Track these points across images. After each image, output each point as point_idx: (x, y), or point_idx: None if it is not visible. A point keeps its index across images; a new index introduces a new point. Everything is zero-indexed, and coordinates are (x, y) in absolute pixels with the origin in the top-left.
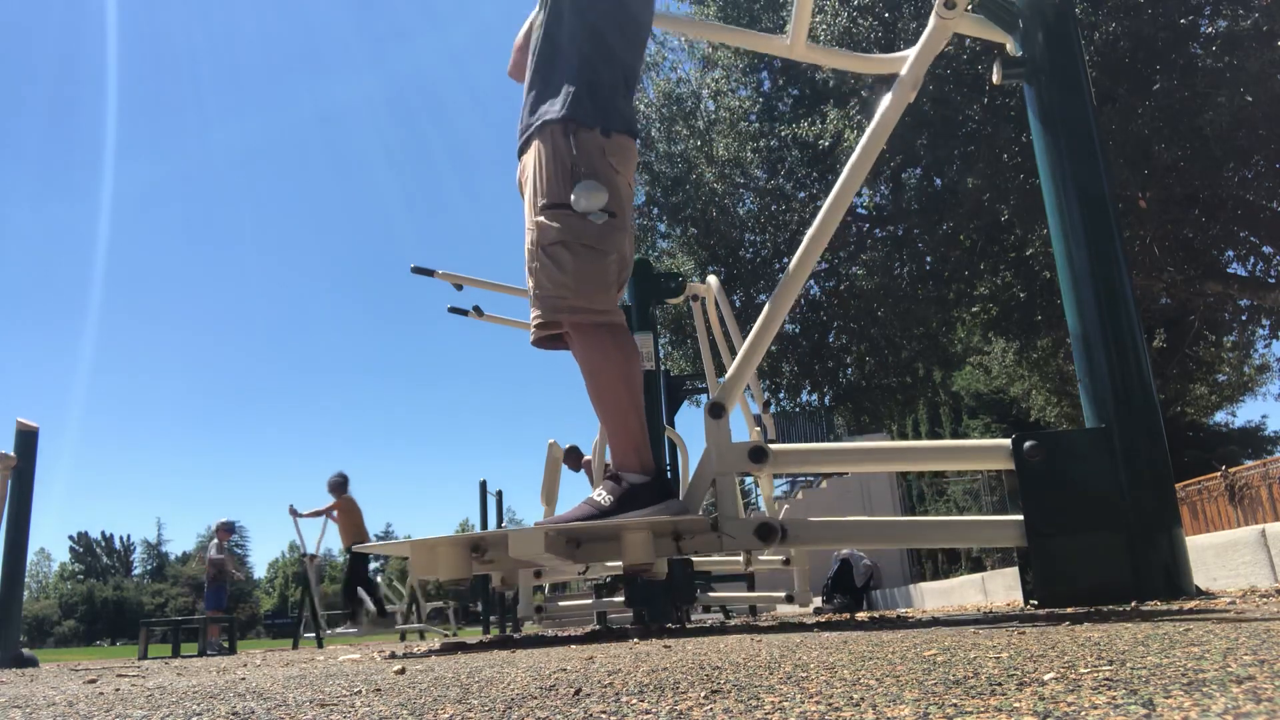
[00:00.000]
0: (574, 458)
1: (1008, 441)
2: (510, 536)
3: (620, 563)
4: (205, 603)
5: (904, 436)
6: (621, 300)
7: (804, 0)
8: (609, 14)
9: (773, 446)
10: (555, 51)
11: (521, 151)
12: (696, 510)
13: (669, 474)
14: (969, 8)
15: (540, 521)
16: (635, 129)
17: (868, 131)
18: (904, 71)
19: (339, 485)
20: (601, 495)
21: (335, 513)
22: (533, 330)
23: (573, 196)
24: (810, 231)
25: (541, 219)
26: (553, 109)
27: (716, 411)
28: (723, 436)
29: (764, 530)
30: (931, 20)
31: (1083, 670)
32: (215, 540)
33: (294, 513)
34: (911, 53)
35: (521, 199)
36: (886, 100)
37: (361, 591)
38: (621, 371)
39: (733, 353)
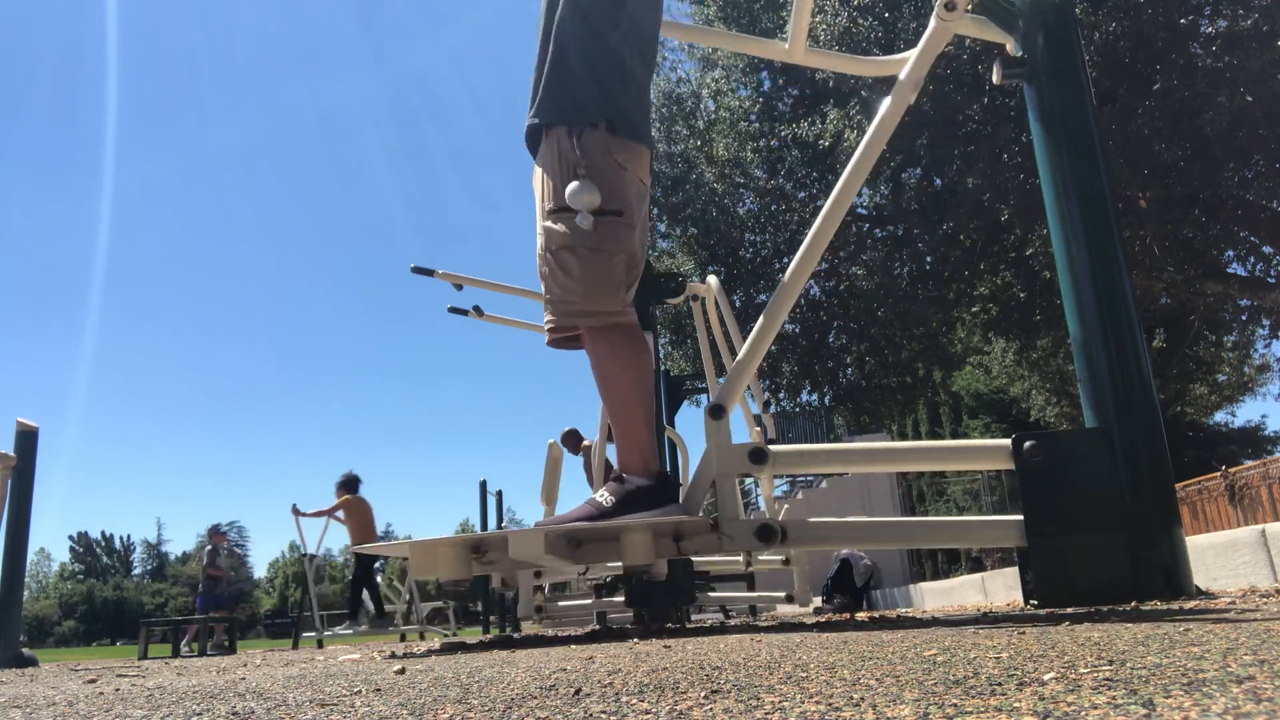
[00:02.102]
0: (573, 441)
1: (1008, 442)
2: (510, 538)
3: (620, 563)
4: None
5: (904, 436)
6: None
7: (803, 5)
8: (615, 20)
9: (772, 448)
10: (560, 53)
11: (531, 152)
12: (696, 512)
13: (670, 476)
14: (969, 8)
15: (540, 521)
16: (643, 134)
17: (868, 133)
18: (904, 73)
19: (344, 485)
20: (604, 496)
21: (340, 512)
22: (547, 333)
23: (568, 193)
24: (811, 233)
25: (548, 223)
26: (557, 111)
27: (717, 413)
28: (723, 438)
29: (764, 531)
30: (932, 22)
31: (1083, 670)
32: (210, 546)
33: (296, 512)
34: (912, 54)
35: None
36: (887, 102)
37: (365, 592)
38: (631, 374)
39: (733, 353)
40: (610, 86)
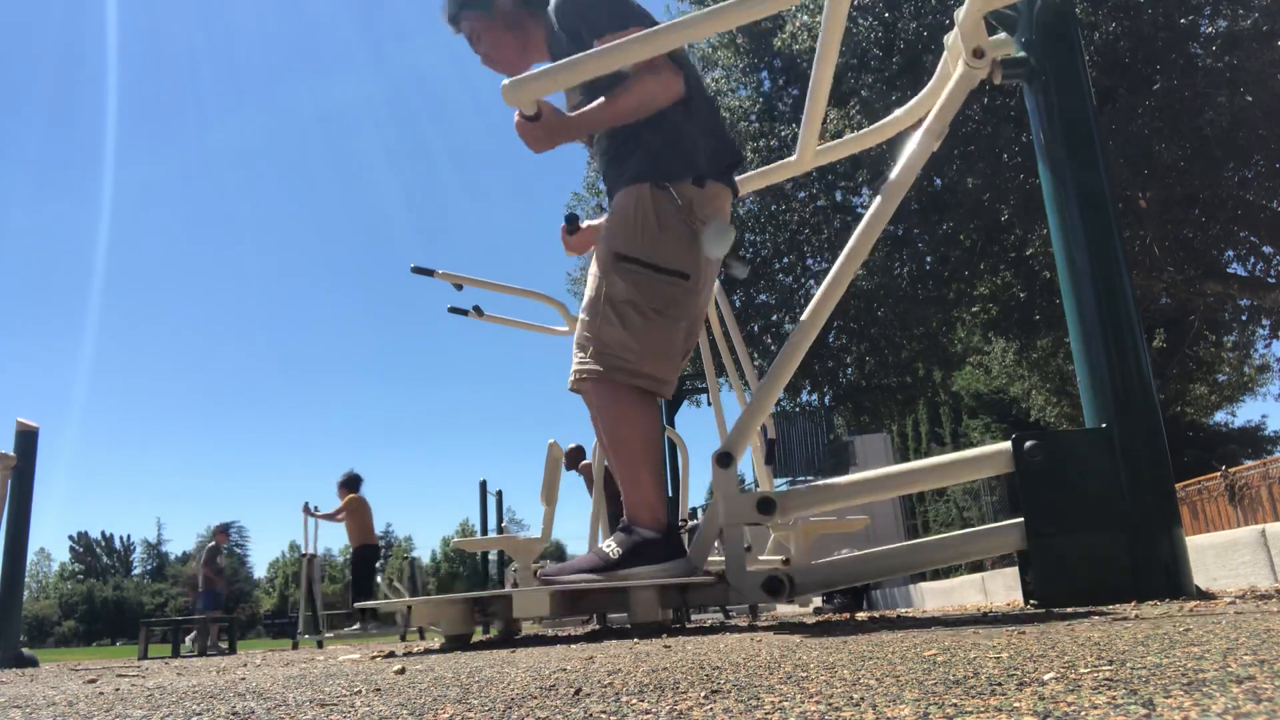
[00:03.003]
0: (574, 458)
1: (1008, 445)
2: (515, 598)
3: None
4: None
5: (904, 436)
6: None
7: (813, 119)
8: (696, 74)
9: (780, 493)
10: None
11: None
12: (703, 564)
13: (671, 475)
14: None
15: (545, 572)
16: (730, 166)
17: (889, 181)
18: (929, 121)
19: (346, 483)
20: (611, 547)
21: (345, 512)
22: (573, 378)
23: (704, 239)
24: (824, 285)
25: (614, 274)
26: (642, 162)
27: (724, 461)
28: (730, 487)
29: (772, 584)
30: (959, 68)
31: (1083, 670)
32: (212, 544)
33: (308, 511)
34: (937, 101)
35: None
36: (910, 149)
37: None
38: (646, 435)
39: (733, 353)
40: (703, 131)
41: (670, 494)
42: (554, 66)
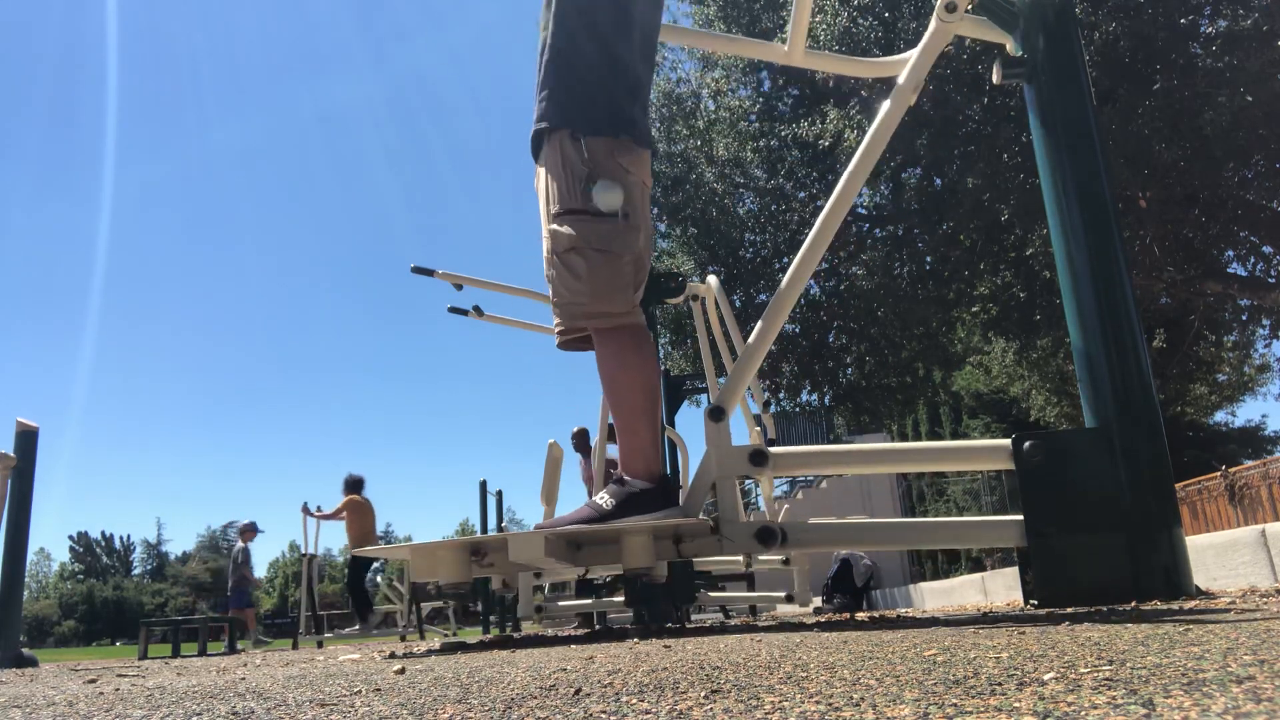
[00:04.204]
0: (583, 441)
1: (1008, 442)
2: (510, 540)
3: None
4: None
5: (904, 436)
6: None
7: (802, 7)
8: (617, 21)
9: (772, 450)
10: (562, 57)
11: (535, 156)
12: (696, 515)
13: (672, 477)
14: (969, 9)
15: (540, 524)
16: (645, 137)
17: (869, 134)
18: (904, 74)
19: (348, 485)
20: (604, 498)
21: (344, 512)
22: (557, 336)
23: (593, 195)
24: (811, 234)
25: (555, 226)
26: (560, 115)
27: (717, 415)
28: (723, 440)
29: (764, 534)
30: (932, 23)
31: (1083, 670)
32: (240, 545)
33: (306, 511)
34: (912, 55)
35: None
36: (887, 103)
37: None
38: (638, 377)
39: (733, 353)
40: (615, 92)
41: None
42: None
